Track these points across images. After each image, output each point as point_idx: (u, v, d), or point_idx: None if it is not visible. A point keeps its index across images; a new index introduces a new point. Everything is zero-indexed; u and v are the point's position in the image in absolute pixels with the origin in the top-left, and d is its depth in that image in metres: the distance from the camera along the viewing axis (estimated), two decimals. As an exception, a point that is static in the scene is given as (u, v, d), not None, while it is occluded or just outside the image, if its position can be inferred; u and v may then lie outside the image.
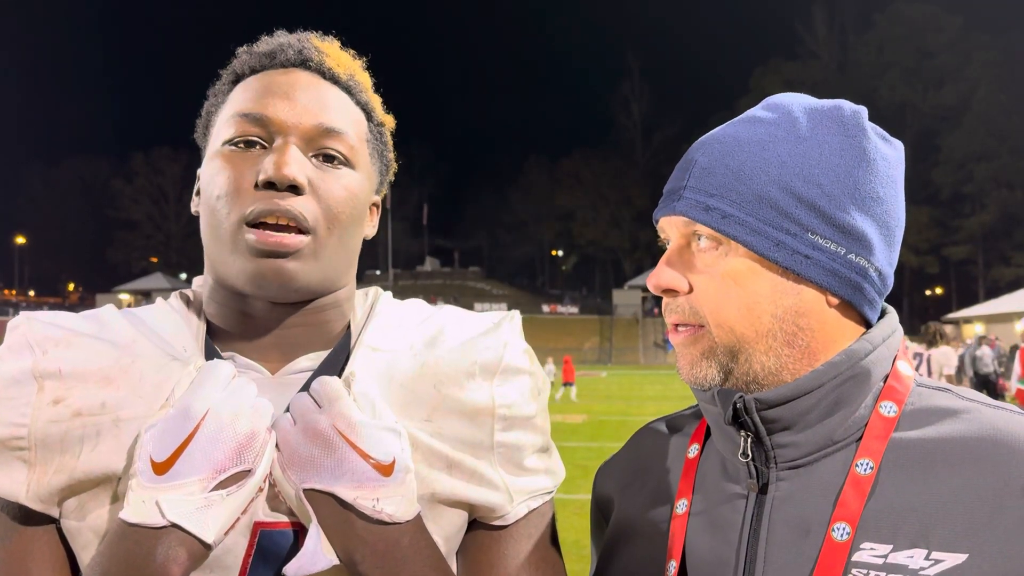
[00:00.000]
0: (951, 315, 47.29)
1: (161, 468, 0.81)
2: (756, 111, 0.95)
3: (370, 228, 1.04)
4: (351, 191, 0.95)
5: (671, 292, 0.94)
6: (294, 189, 0.89)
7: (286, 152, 0.89)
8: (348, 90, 1.00)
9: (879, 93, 79.14)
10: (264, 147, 0.92)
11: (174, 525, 0.79)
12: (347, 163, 0.95)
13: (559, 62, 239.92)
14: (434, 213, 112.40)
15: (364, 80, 1.04)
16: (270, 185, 0.89)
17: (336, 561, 0.84)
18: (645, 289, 73.00)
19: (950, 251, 74.13)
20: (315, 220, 0.91)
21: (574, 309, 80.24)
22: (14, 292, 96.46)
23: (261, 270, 0.89)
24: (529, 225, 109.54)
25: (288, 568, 0.83)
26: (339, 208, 0.93)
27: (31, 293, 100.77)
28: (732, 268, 0.89)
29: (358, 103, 1.01)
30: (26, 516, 0.90)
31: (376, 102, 1.05)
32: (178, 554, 0.80)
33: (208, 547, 0.82)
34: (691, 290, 0.92)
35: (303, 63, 0.98)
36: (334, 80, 0.99)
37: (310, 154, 0.93)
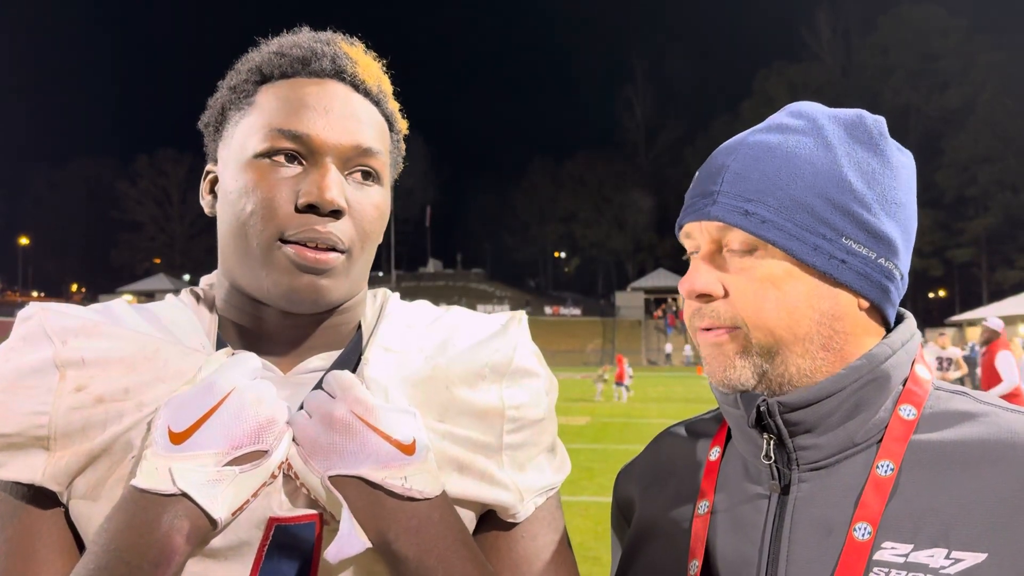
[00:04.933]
0: (955, 318, 47.24)
1: (179, 438, 0.82)
2: (782, 118, 0.96)
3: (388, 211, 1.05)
4: (380, 209, 0.97)
5: (704, 297, 0.94)
6: (334, 213, 0.90)
7: (327, 175, 0.89)
8: (376, 102, 1.00)
9: (883, 96, 79.03)
10: (299, 162, 0.91)
11: (183, 494, 0.80)
12: (377, 179, 0.97)
13: (562, 64, 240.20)
14: (437, 215, 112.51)
15: (388, 88, 1.03)
16: (310, 207, 0.89)
17: (370, 544, 0.85)
18: (648, 291, 73.31)
19: (954, 254, 74.01)
20: (351, 241, 0.92)
21: (577, 311, 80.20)
22: (18, 293, 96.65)
23: (297, 286, 0.90)
24: (532, 227, 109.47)
25: (327, 553, 0.84)
26: (372, 227, 0.95)
27: (35, 294, 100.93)
28: (770, 272, 0.90)
29: (383, 114, 1.01)
30: (34, 498, 0.89)
31: (395, 108, 1.05)
32: (183, 525, 0.79)
33: (213, 523, 0.81)
34: (726, 294, 0.93)
35: (337, 74, 0.96)
36: (365, 92, 0.98)
37: (345, 172, 0.93)
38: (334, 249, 0.90)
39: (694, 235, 0.96)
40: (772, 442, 0.92)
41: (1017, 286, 59.33)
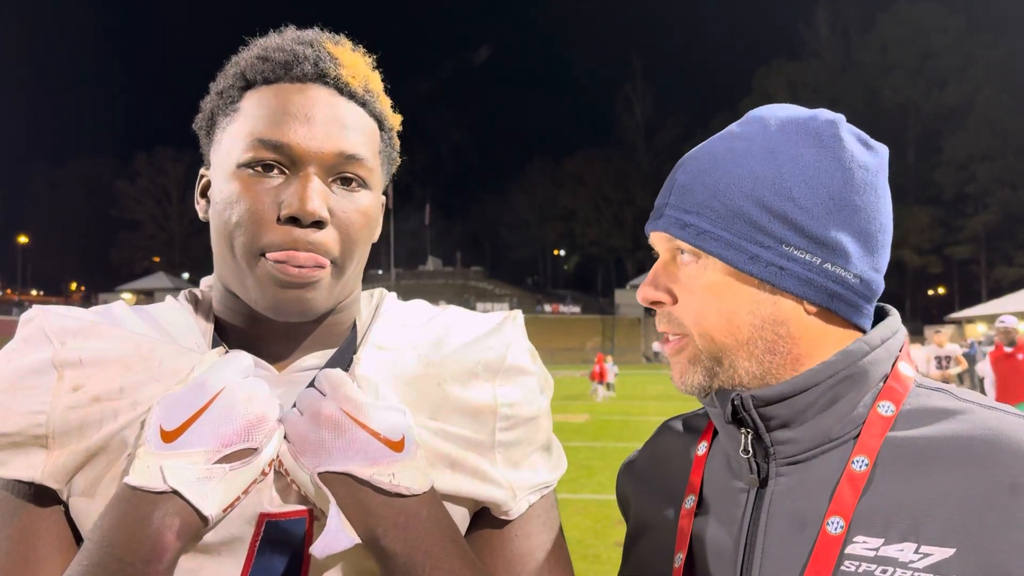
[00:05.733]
0: (954, 315, 47.25)
1: (169, 436, 0.83)
2: (734, 126, 0.98)
3: (376, 231, 1.04)
4: (368, 214, 0.96)
5: (658, 303, 0.98)
6: (317, 223, 0.90)
7: (308, 185, 0.89)
8: (363, 103, 0.98)
9: (882, 94, 79.15)
10: (282, 171, 0.91)
11: (174, 492, 0.81)
12: (364, 184, 0.95)
13: (562, 62, 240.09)
14: (437, 213, 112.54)
15: (376, 86, 1.01)
16: (293, 218, 0.89)
17: (358, 540, 0.85)
18: (647, 289, 73.06)
19: (953, 251, 74.10)
20: (336, 250, 0.92)
21: (576, 309, 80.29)
22: (17, 292, 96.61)
23: (282, 299, 0.91)
24: (532, 225, 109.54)
25: (314, 548, 0.84)
26: (358, 235, 0.94)
27: (34, 292, 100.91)
28: (711, 281, 0.92)
29: (371, 114, 0.99)
30: (34, 496, 0.90)
31: (386, 105, 1.02)
32: (173, 522, 0.80)
33: (204, 520, 0.82)
34: (676, 301, 0.96)
35: (320, 77, 0.94)
36: (350, 95, 0.96)
37: (329, 179, 0.93)
38: (319, 263, 0.91)
39: (655, 244, 1.01)
40: (750, 436, 0.93)
41: (1016, 283, 59.39)
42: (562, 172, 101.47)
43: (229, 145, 0.93)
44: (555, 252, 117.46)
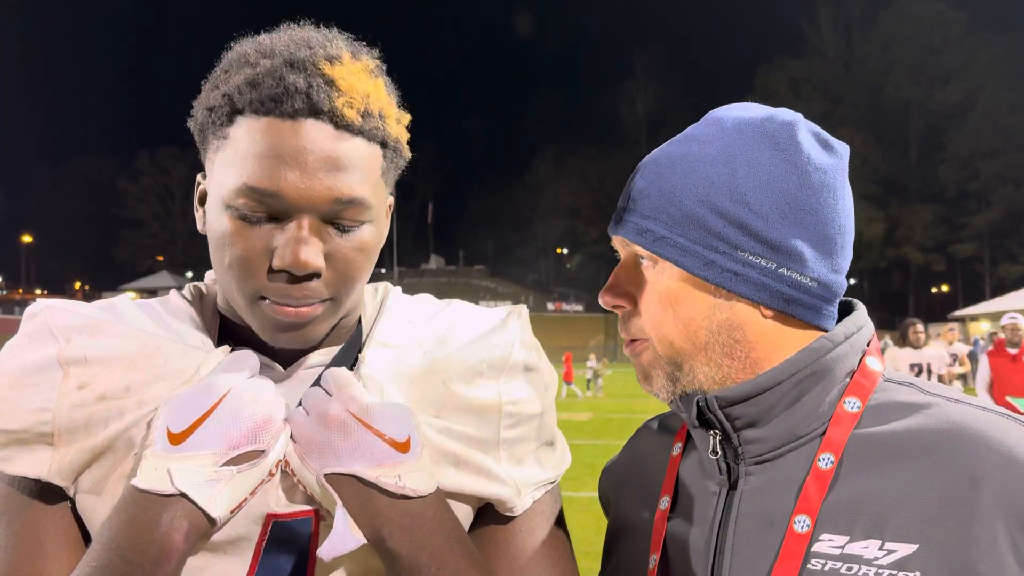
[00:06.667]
0: (957, 312, 47.21)
1: (177, 439, 0.83)
2: (693, 129, 0.97)
3: (379, 248, 0.99)
4: (367, 248, 0.92)
5: (618, 308, 0.98)
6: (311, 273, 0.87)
7: (301, 235, 0.85)
8: (362, 132, 0.89)
9: (884, 91, 79.12)
10: (274, 217, 0.87)
11: (182, 495, 0.81)
12: (364, 221, 0.91)
13: (563, 59, 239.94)
14: (439, 211, 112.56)
15: (378, 102, 0.92)
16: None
17: (364, 541, 0.85)
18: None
19: (956, 249, 74.02)
20: (334, 290, 0.90)
21: (579, 307, 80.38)
22: (21, 291, 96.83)
23: (280, 338, 0.91)
24: (534, 223, 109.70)
25: (320, 551, 0.84)
26: (357, 272, 0.92)
27: (37, 291, 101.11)
28: (668, 287, 0.92)
29: (373, 139, 0.91)
30: (41, 493, 0.90)
31: (390, 118, 0.94)
32: (182, 524, 0.81)
33: (212, 521, 0.82)
34: (635, 306, 0.96)
35: (313, 112, 0.86)
36: (347, 127, 0.87)
37: (324, 221, 0.88)
38: (315, 302, 0.89)
39: (617, 247, 1.01)
40: (718, 437, 0.93)
41: (1020, 280, 59.33)
42: (564, 170, 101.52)
43: (220, 176, 0.89)
44: (558, 250, 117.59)
